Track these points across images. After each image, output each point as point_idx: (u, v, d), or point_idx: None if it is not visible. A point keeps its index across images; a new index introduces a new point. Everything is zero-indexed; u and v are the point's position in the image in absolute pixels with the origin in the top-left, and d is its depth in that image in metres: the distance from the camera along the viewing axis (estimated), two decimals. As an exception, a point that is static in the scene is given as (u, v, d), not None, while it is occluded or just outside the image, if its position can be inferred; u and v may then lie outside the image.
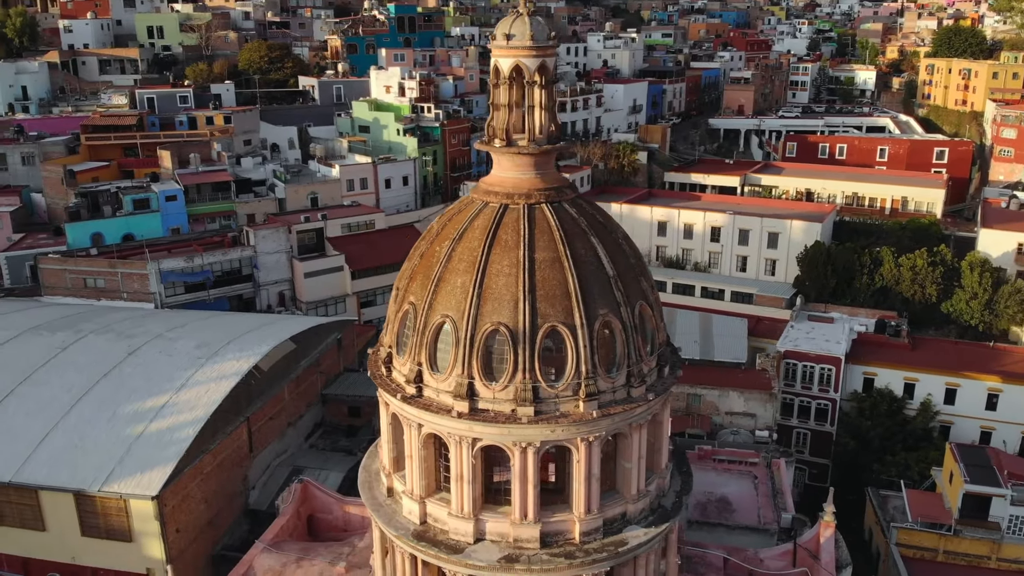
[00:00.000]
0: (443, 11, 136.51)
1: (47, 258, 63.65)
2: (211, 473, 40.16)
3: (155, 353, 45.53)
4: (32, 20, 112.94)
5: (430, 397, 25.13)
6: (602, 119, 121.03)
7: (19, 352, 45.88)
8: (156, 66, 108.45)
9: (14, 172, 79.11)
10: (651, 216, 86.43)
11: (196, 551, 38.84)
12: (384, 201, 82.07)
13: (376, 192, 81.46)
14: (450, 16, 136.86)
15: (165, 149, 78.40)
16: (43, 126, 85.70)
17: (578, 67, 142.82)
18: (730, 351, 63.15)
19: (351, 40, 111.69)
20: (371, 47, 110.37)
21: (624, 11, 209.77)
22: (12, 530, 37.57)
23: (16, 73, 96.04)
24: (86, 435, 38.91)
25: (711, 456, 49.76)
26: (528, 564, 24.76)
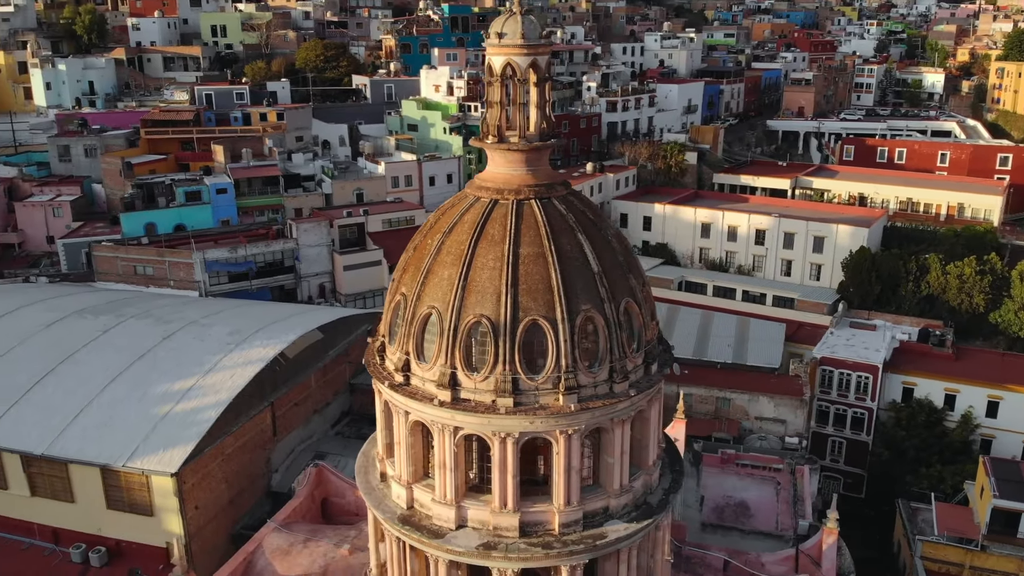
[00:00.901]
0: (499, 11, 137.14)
1: (101, 246, 66.65)
2: (233, 454, 41.68)
3: (189, 338, 47.46)
4: (101, 18, 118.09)
5: (416, 386, 25.79)
6: (654, 119, 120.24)
7: (64, 333, 48.34)
8: (218, 63, 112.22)
9: (77, 163, 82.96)
10: (694, 217, 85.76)
11: (216, 528, 40.37)
12: (428, 198, 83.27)
13: (420, 189, 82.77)
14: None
15: (219, 144, 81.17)
16: (106, 120, 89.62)
17: (634, 67, 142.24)
18: (763, 356, 62.29)
19: (405, 40, 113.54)
20: (424, 47, 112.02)
21: (688, 11, 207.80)
22: (44, 500, 39.69)
23: (84, 69, 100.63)
24: (116, 413, 40.84)
25: (734, 460, 49.36)
26: (505, 552, 25.20)
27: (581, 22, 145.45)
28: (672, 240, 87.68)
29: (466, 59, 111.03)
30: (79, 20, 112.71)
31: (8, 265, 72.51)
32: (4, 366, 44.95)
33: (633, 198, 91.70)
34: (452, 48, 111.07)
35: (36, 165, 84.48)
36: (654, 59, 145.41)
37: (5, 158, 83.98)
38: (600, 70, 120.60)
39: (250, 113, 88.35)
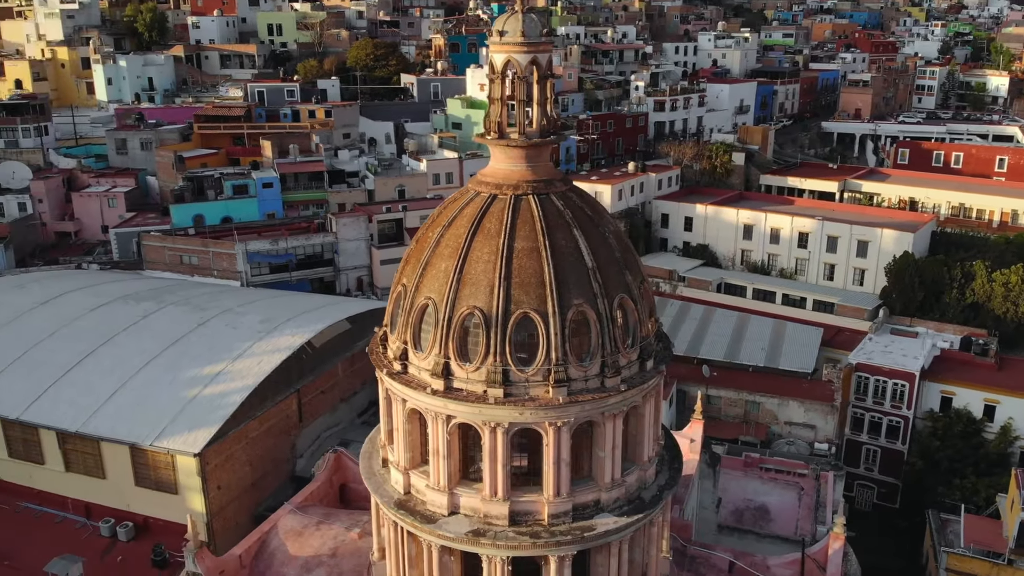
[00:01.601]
0: (551, 11, 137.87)
1: (149, 235, 69.29)
2: (257, 438, 43.08)
3: (222, 325, 49.17)
4: (162, 16, 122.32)
5: (413, 374, 26.46)
6: (704, 119, 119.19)
7: (107, 317, 50.53)
8: (272, 61, 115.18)
9: (133, 156, 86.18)
10: (737, 219, 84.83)
11: (238, 509, 41.78)
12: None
13: (461, 186, 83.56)
14: (557, 15, 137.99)
15: (267, 139, 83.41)
16: (162, 115, 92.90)
17: (686, 67, 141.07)
18: (796, 360, 61.53)
19: (454, 39, 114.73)
20: (473, 46, 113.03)
21: (747, 10, 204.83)
22: (77, 476, 41.66)
23: (144, 65, 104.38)
24: (148, 394, 42.62)
25: (758, 464, 48.96)
26: (494, 539, 25.69)
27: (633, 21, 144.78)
28: (714, 241, 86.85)
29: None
30: (140, 18, 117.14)
31: (64, 253, 75.86)
32: (48, 346, 47.25)
33: (675, 198, 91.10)
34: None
35: (95, 157, 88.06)
36: (707, 59, 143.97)
37: (66, 150, 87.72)
38: (649, 69, 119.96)
39: (299, 110, 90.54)
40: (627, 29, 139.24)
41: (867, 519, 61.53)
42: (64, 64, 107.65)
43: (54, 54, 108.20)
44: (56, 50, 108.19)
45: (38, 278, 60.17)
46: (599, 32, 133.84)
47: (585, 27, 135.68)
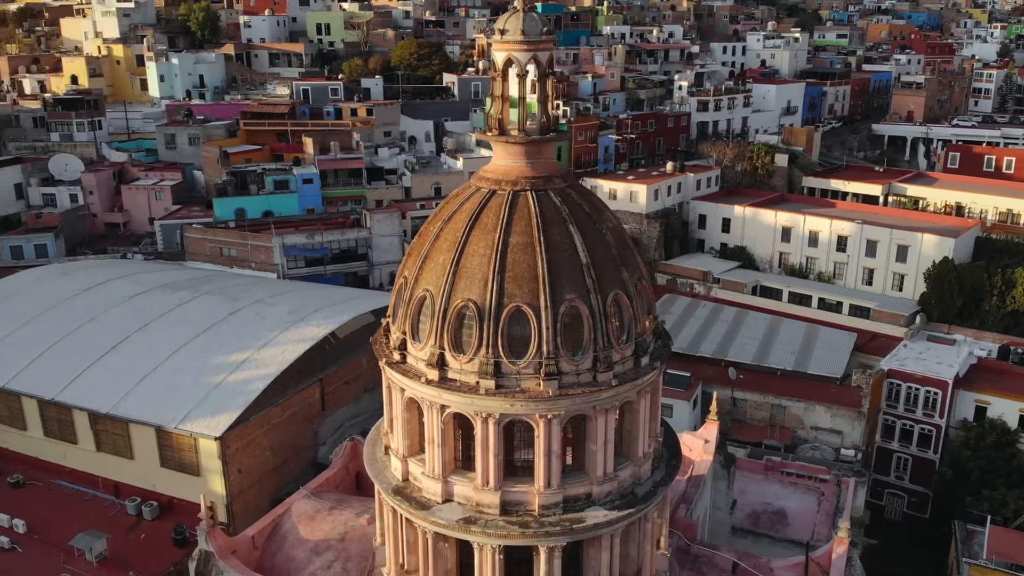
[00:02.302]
0: (597, 10, 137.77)
1: (192, 228, 71.51)
2: (279, 424, 44.32)
3: (251, 315, 50.61)
4: (214, 15, 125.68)
5: (411, 364, 27.14)
6: (749, 120, 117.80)
7: (145, 304, 52.39)
8: (319, 60, 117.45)
9: (181, 151, 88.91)
10: (775, 221, 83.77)
11: (258, 492, 43.03)
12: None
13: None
14: (603, 15, 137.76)
15: (309, 136, 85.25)
16: (211, 111, 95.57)
17: (734, 67, 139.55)
18: (826, 365, 60.72)
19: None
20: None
21: (801, 10, 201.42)
22: (107, 456, 43.41)
23: (195, 63, 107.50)
24: (176, 379, 44.17)
25: (779, 468, 48.48)
26: (484, 527, 26.22)
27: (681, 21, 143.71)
28: (751, 243, 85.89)
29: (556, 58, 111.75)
30: (193, 17, 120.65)
31: (113, 243, 78.70)
32: (87, 331, 49.24)
33: (714, 199, 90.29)
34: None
35: (145, 151, 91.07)
36: (756, 59, 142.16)
37: (118, 144, 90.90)
38: (693, 69, 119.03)
39: (342, 108, 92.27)
40: (674, 29, 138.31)
41: (897, 528, 60.50)
42: (119, 61, 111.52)
43: (110, 51, 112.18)
44: (112, 47, 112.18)
45: (84, 266, 62.67)
46: (645, 32, 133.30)
47: (631, 27, 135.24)
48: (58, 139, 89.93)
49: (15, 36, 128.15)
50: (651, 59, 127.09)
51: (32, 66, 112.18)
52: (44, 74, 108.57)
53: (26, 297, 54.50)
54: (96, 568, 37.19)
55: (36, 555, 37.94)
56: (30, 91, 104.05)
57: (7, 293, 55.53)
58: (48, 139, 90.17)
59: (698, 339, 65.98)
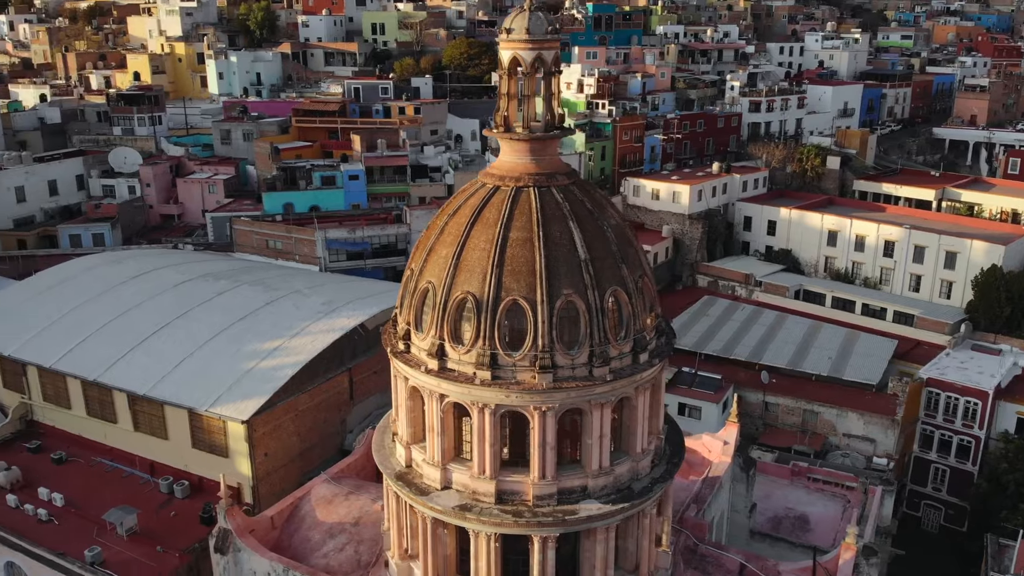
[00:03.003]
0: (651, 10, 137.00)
1: (240, 220, 73.86)
2: (307, 411, 45.60)
3: (288, 305, 52.11)
4: (272, 15, 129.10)
5: (414, 354, 27.96)
6: (803, 121, 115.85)
7: (188, 292, 54.31)
8: (372, 59, 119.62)
9: (236, 146, 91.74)
10: (821, 224, 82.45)
11: (284, 476, 44.33)
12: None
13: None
14: (657, 14, 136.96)
15: (357, 134, 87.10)
16: (265, 108, 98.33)
17: (791, 67, 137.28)
18: (862, 371, 59.71)
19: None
20: (565, 45, 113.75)
21: (866, 11, 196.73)
22: (144, 435, 45.34)
23: (253, 61, 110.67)
24: (210, 364, 45.84)
25: (805, 474, 48.02)
26: (479, 515, 26.86)
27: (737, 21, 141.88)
28: (797, 247, 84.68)
29: (606, 57, 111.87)
30: (252, 16, 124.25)
31: (167, 233, 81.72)
32: (132, 316, 51.32)
33: (760, 201, 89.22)
34: (593, 47, 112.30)
35: (202, 146, 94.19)
36: (814, 60, 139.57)
37: (176, 139, 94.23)
38: (746, 69, 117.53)
39: (390, 106, 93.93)
40: (729, 28, 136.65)
41: (933, 541, 59.16)
42: (181, 59, 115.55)
43: (172, 49, 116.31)
44: (174, 45, 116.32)
45: (134, 255, 65.29)
46: (699, 32, 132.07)
47: (684, 26, 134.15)
48: (120, 133, 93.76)
49: (84, 33, 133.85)
50: (704, 59, 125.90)
51: (99, 63, 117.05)
52: (110, 70, 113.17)
53: (78, 283, 57.05)
54: (126, 542, 38.99)
55: (71, 527, 39.95)
56: (96, 87, 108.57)
57: (61, 279, 58.22)
58: (110, 133, 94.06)
59: (733, 342, 65.46)
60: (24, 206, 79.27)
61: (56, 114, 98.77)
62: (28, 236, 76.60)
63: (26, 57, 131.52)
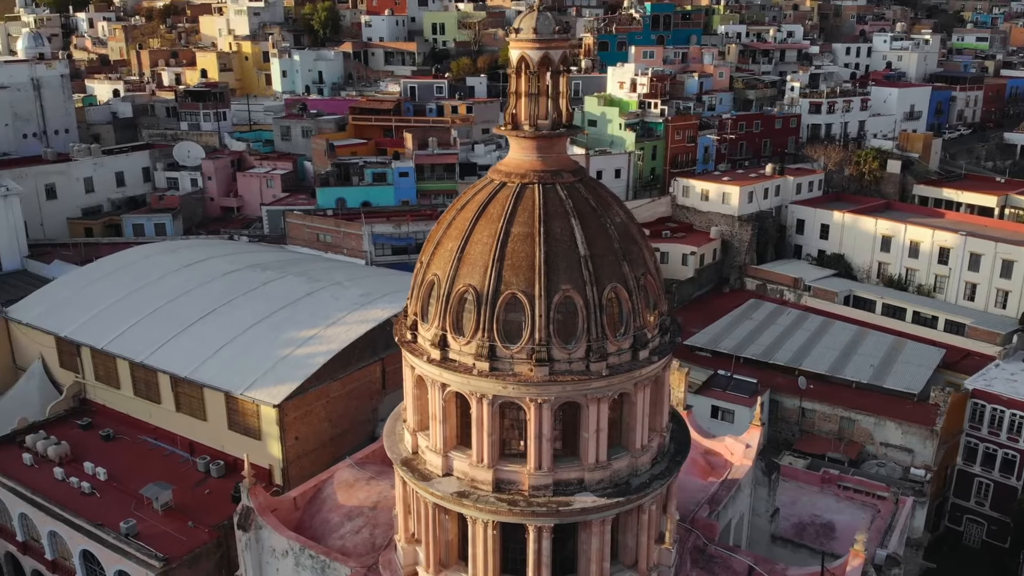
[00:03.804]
0: (712, 9, 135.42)
1: (292, 214, 76.24)
2: (338, 398, 47.16)
3: (327, 296, 53.91)
4: (336, 14, 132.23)
5: (419, 344, 28.86)
6: (866, 123, 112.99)
7: (235, 281, 56.69)
8: (431, 59, 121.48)
9: (295, 143, 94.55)
10: (875, 229, 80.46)
11: (315, 459, 45.85)
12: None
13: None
14: (719, 14, 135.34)
15: (409, 132, 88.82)
16: (324, 106, 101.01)
17: (857, 68, 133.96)
18: (904, 380, 58.34)
19: (603, 38, 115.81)
20: (622, 44, 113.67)
21: (942, 11, 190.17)
22: (185, 416, 47.60)
23: (315, 60, 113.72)
24: (249, 350, 47.82)
25: (835, 481, 47.32)
26: (476, 502, 27.59)
27: (802, 20, 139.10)
28: (850, 251, 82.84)
29: (664, 57, 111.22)
30: (316, 16, 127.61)
31: (226, 225, 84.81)
32: (181, 302, 53.82)
33: (814, 204, 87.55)
34: (651, 46, 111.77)
35: (263, 142, 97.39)
36: (882, 61, 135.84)
37: (239, 134, 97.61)
38: (808, 70, 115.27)
39: (443, 105, 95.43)
40: (794, 28, 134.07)
41: (975, 556, 57.51)
42: (248, 57, 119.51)
43: (239, 47, 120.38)
44: (241, 44, 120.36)
45: (190, 245, 68.19)
46: (762, 31, 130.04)
47: (747, 26, 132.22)
48: (186, 128, 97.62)
49: (159, 32, 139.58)
50: (765, 59, 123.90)
51: (170, 60, 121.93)
52: (180, 68, 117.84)
53: (135, 270, 60.03)
54: (160, 516, 41.08)
55: (111, 500, 42.27)
56: (167, 83, 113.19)
57: (120, 265, 61.35)
58: (178, 128, 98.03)
59: (775, 346, 64.63)
60: (92, 196, 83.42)
61: (128, 109, 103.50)
62: (95, 224, 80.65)
63: (103, 54, 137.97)
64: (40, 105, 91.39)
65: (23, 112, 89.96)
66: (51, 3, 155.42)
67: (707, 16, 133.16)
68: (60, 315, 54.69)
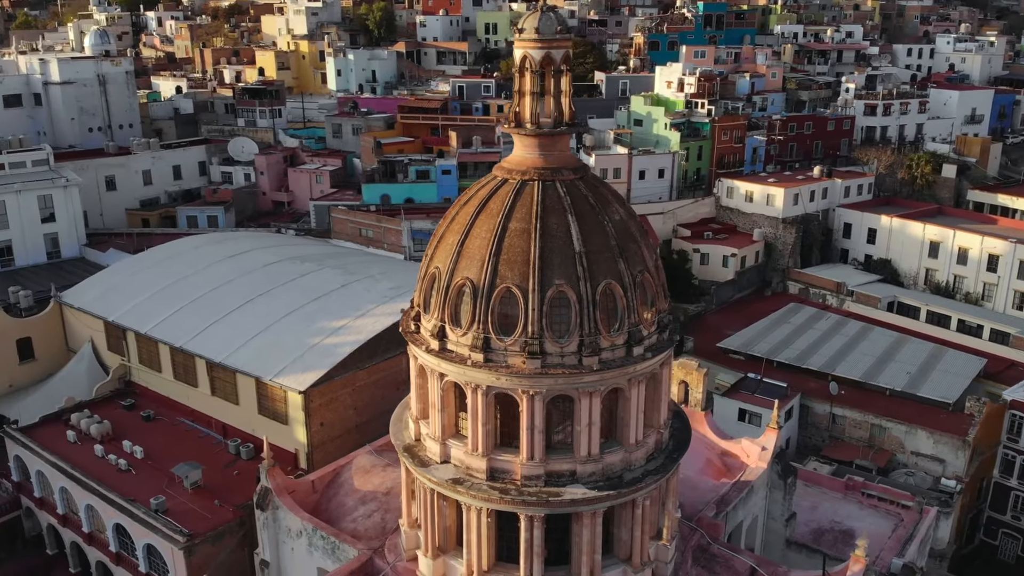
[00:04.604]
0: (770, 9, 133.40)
1: (337, 209, 78.19)
2: (364, 387, 48.43)
3: (360, 288, 55.36)
4: (391, 14, 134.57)
5: (422, 334, 29.88)
6: (924, 126, 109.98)
7: (275, 272, 58.47)
8: (482, 58, 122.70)
9: (346, 140, 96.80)
10: (923, 234, 78.58)
11: (340, 445, 47.09)
12: (636, 191, 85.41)
13: (628, 182, 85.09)
14: (776, 13, 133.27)
15: (454, 130, 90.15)
16: (374, 104, 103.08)
17: (919, 70, 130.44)
18: (940, 389, 57.12)
19: (654, 37, 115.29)
20: (673, 44, 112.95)
21: (1012, 13, 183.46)
22: (220, 400, 49.55)
23: (369, 59, 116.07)
24: (282, 338, 49.46)
25: (860, 488, 46.87)
26: (469, 489, 28.48)
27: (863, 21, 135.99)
28: (897, 257, 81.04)
29: (715, 56, 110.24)
30: (371, 16, 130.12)
31: (276, 219, 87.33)
32: (223, 291, 55.82)
33: (862, 207, 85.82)
34: (702, 45, 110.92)
35: (315, 139, 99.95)
36: (944, 63, 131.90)
37: (293, 131, 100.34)
38: (864, 71, 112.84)
39: (489, 104, 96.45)
40: (853, 28, 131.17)
41: (1010, 571, 56.04)
42: (304, 56, 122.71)
43: (297, 46, 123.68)
44: (299, 43, 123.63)
45: (236, 236, 70.65)
46: (820, 31, 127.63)
47: (804, 26, 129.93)
48: (243, 124, 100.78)
49: (222, 31, 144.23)
50: (822, 60, 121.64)
51: (232, 58, 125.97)
52: (241, 66, 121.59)
53: (182, 259, 62.51)
54: (189, 494, 43.00)
55: (144, 477, 44.40)
56: (228, 81, 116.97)
57: (169, 255, 63.98)
58: (235, 124, 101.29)
59: (810, 351, 63.80)
60: (150, 188, 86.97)
61: (189, 105, 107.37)
62: (151, 216, 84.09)
63: (170, 52, 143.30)
64: (105, 100, 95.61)
65: (89, 107, 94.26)
66: (123, 2, 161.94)
67: (763, 16, 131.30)
68: (109, 300, 57.40)
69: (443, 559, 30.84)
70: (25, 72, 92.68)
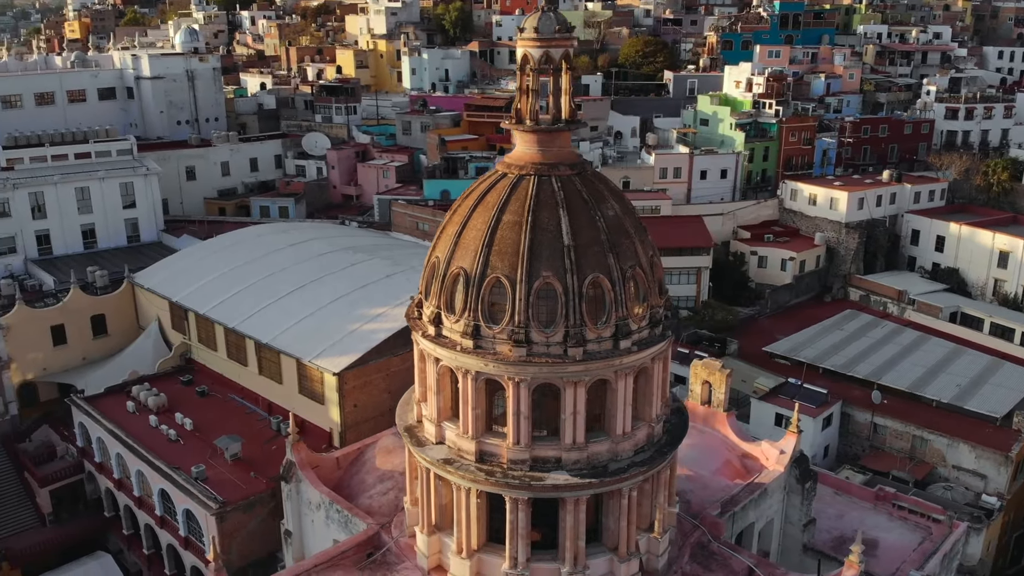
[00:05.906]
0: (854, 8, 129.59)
1: (397, 203, 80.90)
2: (398, 372, 50.22)
3: (403, 278, 57.43)
4: (467, 14, 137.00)
5: (422, 321, 31.47)
6: (1010, 132, 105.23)
7: (328, 261, 61.36)
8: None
9: (414, 137, 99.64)
10: (992, 243, 75.66)
11: (373, 427, 49.11)
12: (697, 191, 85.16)
13: (689, 181, 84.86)
14: (860, 13, 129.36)
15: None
16: (443, 102, 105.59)
17: (1011, 73, 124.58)
18: (988, 403, 55.39)
19: (727, 36, 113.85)
20: (747, 43, 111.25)
21: None
22: (266, 379, 52.53)
23: (443, 58, 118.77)
24: (325, 323, 52.07)
25: (890, 499, 46.13)
26: (458, 469, 29.85)
27: (952, 22, 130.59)
28: (965, 266, 78.26)
29: (791, 56, 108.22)
30: (448, 15, 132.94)
31: (344, 212, 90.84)
32: (278, 277, 58.91)
33: (932, 214, 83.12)
34: (777, 45, 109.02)
35: (387, 136, 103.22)
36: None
37: (366, 127, 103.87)
38: (948, 73, 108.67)
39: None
40: (942, 29, 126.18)
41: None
42: (382, 55, 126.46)
43: (375, 45, 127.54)
44: (378, 42, 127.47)
45: (299, 227, 74.10)
46: (905, 32, 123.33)
47: (889, 26, 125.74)
48: (320, 120, 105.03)
49: (308, 30, 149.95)
50: (904, 61, 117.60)
51: (315, 56, 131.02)
52: (323, 64, 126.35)
53: (247, 246, 66.21)
54: (228, 465, 45.98)
55: (190, 448, 47.67)
56: (311, 78, 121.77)
57: (235, 241, 67.83)
58: (313, 119, 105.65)
59: (859, 359, 62.61)
60: (228, 179, 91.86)
61: (272, 101, 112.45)
62: (227, 205, 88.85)
63: (260, 49, 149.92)
64: (193, 95, 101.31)
65: (177, 101, 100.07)
66: (220, 1, 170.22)
67: (846, 16, 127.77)
68: (176, 282, 61.44)
69: (438, 536, 32.33)
70: (119, 67, 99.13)
